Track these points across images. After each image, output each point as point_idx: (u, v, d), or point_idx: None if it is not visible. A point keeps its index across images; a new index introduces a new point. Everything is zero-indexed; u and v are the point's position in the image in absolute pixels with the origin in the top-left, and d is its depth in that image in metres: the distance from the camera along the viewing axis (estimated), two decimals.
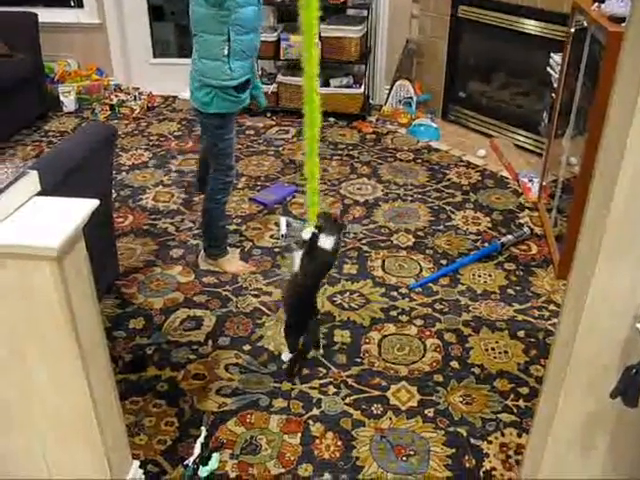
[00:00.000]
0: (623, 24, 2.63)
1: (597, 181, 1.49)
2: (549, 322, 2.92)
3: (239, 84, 2.89)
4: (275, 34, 5.05)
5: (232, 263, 3.30)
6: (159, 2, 5.75)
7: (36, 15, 4.99)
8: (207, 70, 2.83)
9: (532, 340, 2.83)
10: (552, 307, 3.03)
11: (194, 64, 2.89)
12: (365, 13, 5.01)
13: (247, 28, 2.78)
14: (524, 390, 2.56)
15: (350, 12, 5.18)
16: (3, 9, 5.32)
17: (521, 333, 2.87)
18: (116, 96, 5.39)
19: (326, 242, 2.48)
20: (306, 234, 2.47)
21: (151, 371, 2.66)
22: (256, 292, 3.12)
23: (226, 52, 2.77)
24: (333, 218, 2.66)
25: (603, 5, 2.95)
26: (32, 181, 1.72)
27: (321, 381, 2.61)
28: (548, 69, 3.79)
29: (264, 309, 3.01)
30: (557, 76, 3.60)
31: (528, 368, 2.68)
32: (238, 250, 3.44)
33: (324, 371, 2.65)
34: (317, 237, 2.47)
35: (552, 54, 3.76)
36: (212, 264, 3.30)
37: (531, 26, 4.29)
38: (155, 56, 5.78)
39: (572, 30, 3.38)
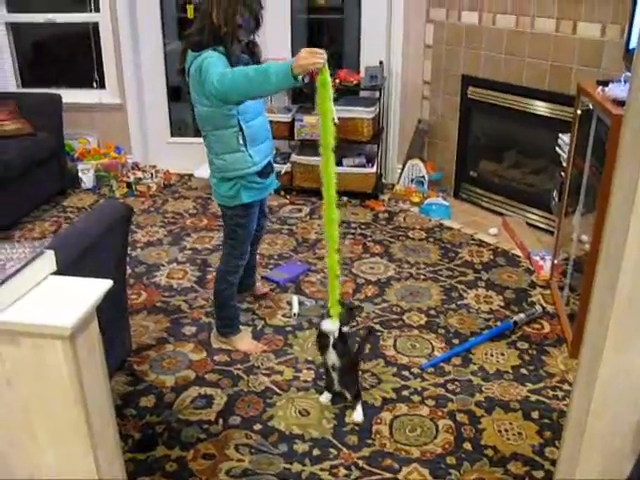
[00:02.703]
0: None
1: (603, 265, 1.51)
2: (563, 402, 2.89)
3: (262, 169, 2.96)
4: (289, 115, 5.18)
5: (244, 341, 3.30)
6: (177, 83, 5.91)
7: (60, 97, 5.19)
8: (228, 165, 2.89)
9: (546, 421, 2.79)
10: (566, 387, 2.99)
11: (212, 164, 2.96)
12: (377, 95, 5.14)
13: (252, 114, 2.87)
14: (539, 474, 2.51)
15: (363, 94, 5.31)
16: (31, 90, 5.56)
17: (535, 414, 2.83)
18: (133, 174, 5.51)
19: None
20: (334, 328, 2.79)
21: (160, 450, 2.63)
22: (267, 371, 3.11)
23: (242, 141, 2.85)
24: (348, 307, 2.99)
25: (607, 89, 3.03)
26: (48, 260, 1.76)
27: (332, 462, 2.57)
28: (557, 149, 3.85)
29: (275, 388, 3.00)
30: (566, 156, 3.66)
31: (543, 450, 2.63)
32: (250, 329, 3.45)
33: (335, 452, 2.62)
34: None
35: (560, 134, 3.83)
36: (224, 342, 3.31)
37: (539, 107, 4.38)
38: (172, 135, 5.92)
39: (578, 112, 3.45)
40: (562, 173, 3.73)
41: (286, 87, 2.59)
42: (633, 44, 3.21)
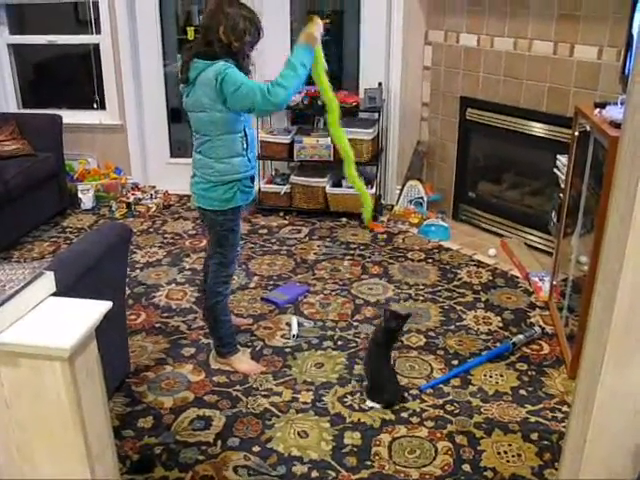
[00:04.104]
0: None
1: (600, 286, 1.51)
2: (563, 424, 2.88)
3: (253, 174, 3.10)
4: (289, 136, 5.20)
5: (243, 362, 3.30)
6: (177, 105, 5.95)
7: (60, 117, 5.23)
8: (231, 168, 2.98)
9: (546, 443, 2.78)
10: (565, 408, 2.99)
11: (209, 167, 3.00)
12: (376, 116, 5.17)
13: (250, 122, 3.04)
14: None
15: (362, 115, 5.34)
16: (32, 111, 5.60)
17: (534, 435, 2.82)
18: (133, 194, 5.53)
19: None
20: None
21: (159, 472, 2.62)
22: (266, 392, 3.11)
23: (245, 146, 2.99)
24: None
25: (604, 111, 3.05)
26: (48, 282, 1.77)
27: None
28: (555, 170, 3.87)
29: (274, 410, 2.99)
30: (564, 177, 3.67)
31: (542, 472, 2.62)
32: (249, 349, 3.45)
33: (334, 474, 2.61)
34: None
35: (558, 156, 3.85)
36: (223, 363, 3.31)
37: (537, 129, 4.41)
38: (172, 156, 5.94)
39: (576, 133, 3.47)
40: (560, 194, 3.75)
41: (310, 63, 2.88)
42: (629, 66, 3.24)
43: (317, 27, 2.87)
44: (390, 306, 3.25)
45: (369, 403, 3.01)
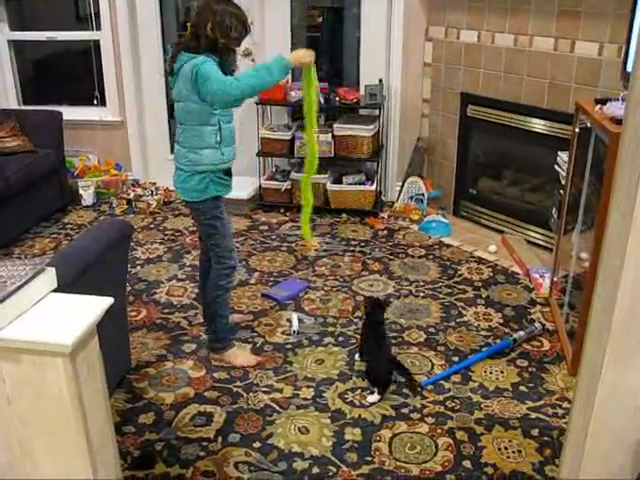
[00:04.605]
0: None
1: (600, 285, 1.51)
2: (563, 420, 2.88)
3: (228, 167, 3.14)
4: (289, 132, 5.20)
5: (238, 355, 3.31)
6: None
7: (61, 114, 5.23)
8: (202, 159, 3.03)
9: (546, 439, 2.78)
10: (566, 404, 2.99)
11: (184, 157, 3.07)
12: (377, 112, 5.16)
13: (229, 117, 3.09)
14: None
15: (362, 112, 5.34)
16: (32, 108, 5.60)
17: (535, 431, 2.82)
18: (133, 191, 5.53)
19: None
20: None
21: (159, 468, 2.63)
22: (267, 389, 3.11)
23: (218, 139, 3.03)
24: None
25: (605, 107, 3.04)
26: (49, 278, 1.77)
27: None
28: (556, 167, 3.87)
29: (275, 406, 2.99)
30: (565, 173, 3.67)
31: (543, 468, 2.62)
32: (249, 346, 3.45)
33: (334, 470, 2.61)
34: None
35: (559, 152, 3.84)
36: (218, 359, 3.31)
37: (538, 125, 4.41)
38: (172, 152, 5.91)
39: (577, 130, 3.47)
40: (561, 191, 3.74)
41: (282, 78, 2.99)
42: (630, 63, 3.23)
43: (308, 54, 2.97)
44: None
45: (369, 399, 3.01)
